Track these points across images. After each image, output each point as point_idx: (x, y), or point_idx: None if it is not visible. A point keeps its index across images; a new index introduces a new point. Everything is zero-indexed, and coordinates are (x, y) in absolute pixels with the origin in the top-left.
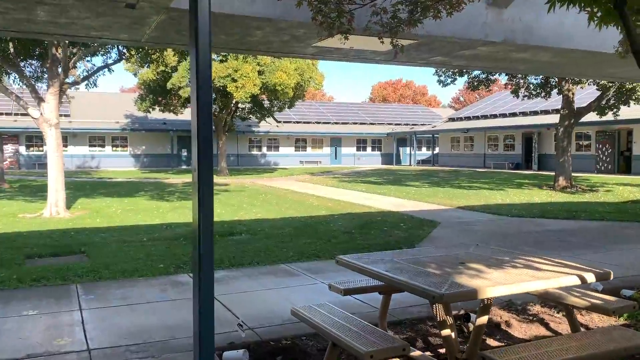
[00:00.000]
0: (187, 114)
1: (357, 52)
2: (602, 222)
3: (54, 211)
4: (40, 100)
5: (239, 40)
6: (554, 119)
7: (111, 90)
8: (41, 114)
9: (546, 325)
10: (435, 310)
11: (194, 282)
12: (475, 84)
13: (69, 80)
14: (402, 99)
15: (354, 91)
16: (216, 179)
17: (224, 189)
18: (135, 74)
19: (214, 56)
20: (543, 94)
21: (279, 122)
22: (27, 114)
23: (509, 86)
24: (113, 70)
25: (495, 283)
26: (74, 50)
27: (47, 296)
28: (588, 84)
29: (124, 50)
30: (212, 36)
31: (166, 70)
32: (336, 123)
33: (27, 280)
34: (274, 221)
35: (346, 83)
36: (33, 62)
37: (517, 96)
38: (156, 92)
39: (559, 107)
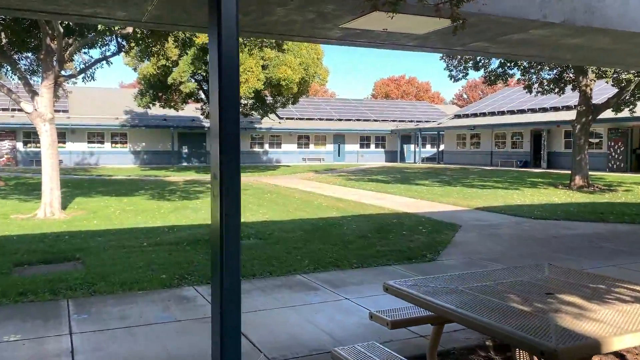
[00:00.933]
0: (188, 110)
1: (388, 36)
2: (633, 225)
3: (49, 212)
4: (34, 94)
5: (256, 21)
6: (564, 115)
7: (111, 86)
8: (35, 108)
9: None
10: (518, 355)
11: (213, 309)
12: (492, 78)
13: (65, 73)
14: (405, 96)
15: (356, 88)
16: None
17: None
18: (135, 69)
19: None
20: (557, 90)
21: (282, 118)
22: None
23: (521, 82)
24: (112, 63)
25: (618, 329)
26: (70, 41)
27: (33, 316)
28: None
29: (124, 43)
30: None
31: (167, 64)
32: (339, 120)
33: (13, 295)
34: (283, 223)
35: (348, 79)
36: (28, 54)
37: (530, 92)
38: (156, 87)
39: (570, 103)
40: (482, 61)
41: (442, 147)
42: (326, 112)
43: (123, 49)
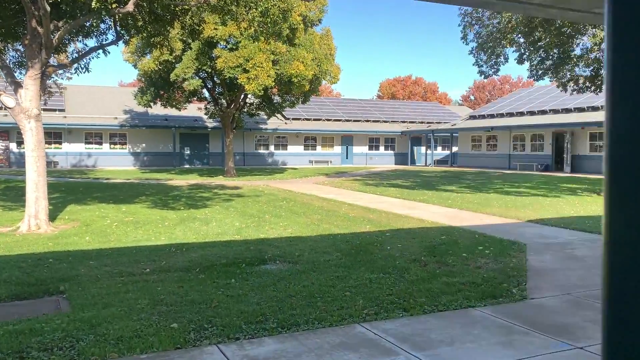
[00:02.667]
0: (190, 110)
1: None
2: None
3: (33, 225)
4: (17, 86)
5: None
6: (590, 117)
7: (109, 85)
8: (17, 102)
9: None
10: None
11: None
12: (540, 72)
13: (55, 62)
14: (412, 96)
15: (361, 88)
16: (225, 181)
17: (236, 193)
18: (135, 65)
19: (222, 44)
20: (593, 88)
21: (288, 119)
22: None
23: (554, 81)
24: (109, 52)
25: None
26: (59, 24)
27: None
28: None
29: (123, 32)
30: None
31: (170, 59)
32: (348, 120)
33: None
34: (312, 241)
35: (353, 80)
36: (14, 44)
37: (565, 90)
38: (158, 85)
39: (597, 103)
40: (526, 53)
41: (454, 149)
42: (333, 112)
43: (123, 38)
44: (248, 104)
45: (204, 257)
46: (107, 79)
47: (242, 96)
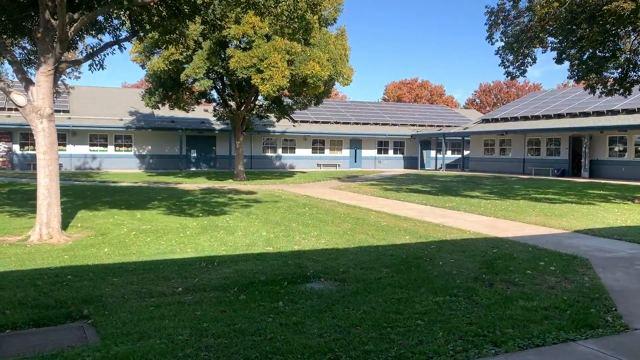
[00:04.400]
0: (197, 112)
1: None
2: None
3: (45, 234)
4: (28, 82)
5: None
6: (609, 120)
7: (112, 86)
8: (29, 100)
9: None
10: None
11: None
12: (581, 74)
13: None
14: (418, 99)
15: (366, 91)
16: (236, 185)
17: (253, 198)
18: (142, 66)
19: (233, 43)
20: (622, 91)
21: (296, 121)
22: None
23: (582, 82)
24: (125, 48)
25: None
26: (75, 16)
27: None
28: None
29: (137, 28)
30: None
31: (180, 59)
32: (356, 123)
33: None
34: (352, 254)
35: (357, 82)
36: (21, 40)
37: (594, 92)
38: (166, 86)
39: (617, 107)
40: (566, 52)
41: (464, 153)
42: (342, 115)
43: (138, 34)
44: (257, 106)
45: (239, 273)
46: (110, 80)
47: (253, 97)
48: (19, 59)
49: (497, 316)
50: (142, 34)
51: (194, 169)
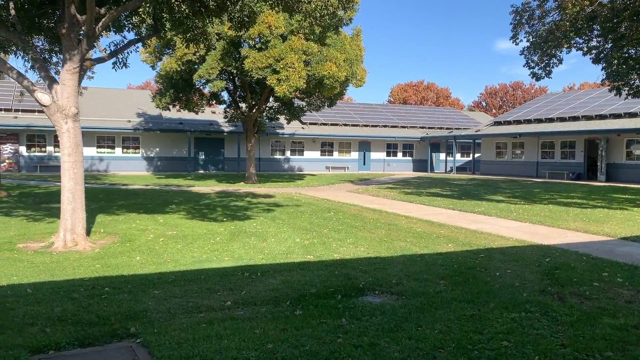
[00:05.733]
0: (206, 113)
1: None
2: None
3: (70, 240)
4: (51, 81)
5: None
6: (628, 123)
7: (117, 87)
8: (53, 100)
9: None
10: None
11: None
12: (620, 74)
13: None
14: (424, 102)
15: (371, 93)
16: (250, 188)
17: (272, 202)
18: (152, 67)
19: (247, 44)
20: None
21: (304, 123)
22: (30, 110)
23: (606, 83)
24: (148, 46)
25: None
26: (101, 11)
27: None
28: None
29: (159, 25)
30: None
31: (193, 60)
32: (365, 125)
33: None
34: (399, 263)
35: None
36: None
37: (620, 94)
38: (178, 87)
39: (635, 109)
40: (604, 52)
41: (475, 156)
42: (350, 117)
43: (161, 31)
44: (268, 108)
45: (287, 284)
46: (113, 82)
47: (266, 99)
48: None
49: (587, 336)
50: (164, 31)
51: (202, 172)
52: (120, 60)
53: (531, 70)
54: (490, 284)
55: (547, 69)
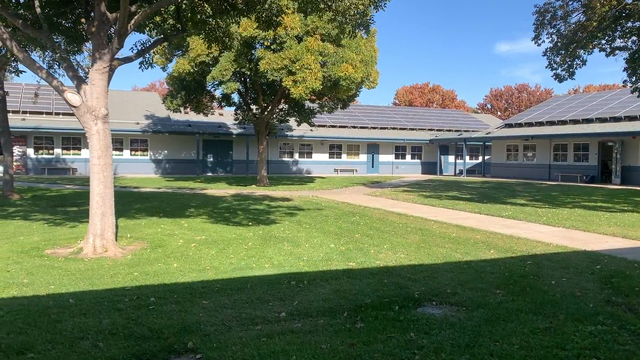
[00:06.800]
0: (215, 115)
1: None
2: None
3: (99, 246)
4: (80, 81)
5: None
6: None
7: (123, 89)
8: (83, 100)
9: None
10: None
11: None
12: None
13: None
14: (430, 104)
15: (376, 95)
16: (265, 191)
17: (292, 205)
18: (163, 68)
19: (260, 45)
20: None
21: (313, 125)
22: (38, 112)
23: (627, 84)
24: (173, 45)
25: None
26: (132, 8)
27: None
28: None
29: (185, 24)
30: None
31: (206, 61)
32: (374, 128)
33: None
34: (447, 271)
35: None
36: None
37: None
38: (189, 88)
39: None
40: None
41: (483, 158)
42: (359, 119)
43: (186, 30)
44: (278, 110)
45: (338, 294)
46: (118, 84)
47: (279, 101)
48: (52, 58)
49: None
50: (191, 31)
51: (210, 174)
52: (147, 60)
53: (554, 71)
54: (550, 293)
55: (570, 70)
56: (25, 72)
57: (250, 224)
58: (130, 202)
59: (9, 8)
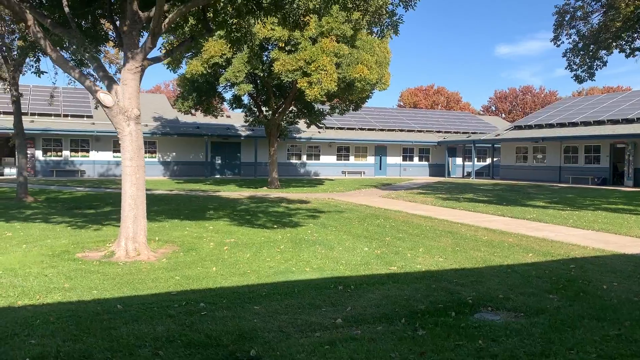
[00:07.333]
0: (223, 117)
1: None
2: None
3: (131, 249)
4: (110, 81)
5: None
6: None
7: None
8: (116, 101)
9: None
10: None
11: None
12: None
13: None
14: (435, 106)
15: (381, 97)
16: (279, 194)
17: (311, 208)
18: (174, 70)
19: (280, 45)
20: None
21: (321, 127)
22: (46, 114)
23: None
24: (202, 44)
25: None
26: (165, 7)
27: None
28: None
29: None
30: None
31: (219, 62)
32: (381, 130)
33: None
34: (492, 275)
35: None
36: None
37: None
38: (201, 90)
39: None
40: None
41: (491, 160)
42: (366, 121)
43: (211, 31)
44: (288, 111)
45: (388, 299)
46: None
47: (291, 102)
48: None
49: None
50: (215, 31)
51: (218, 176)
52: (175, 60)
53: (573, 72)
54: (605, 298)
55: (590, 71)
56: (46, 73)
57: (275, 226)
58: (147, 205)
59: (37, 8)
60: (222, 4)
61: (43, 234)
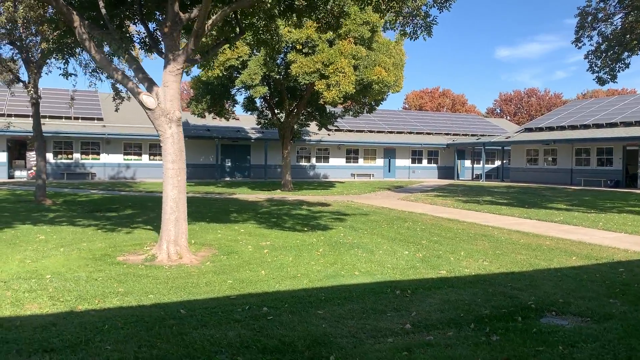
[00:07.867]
0: (233, 120)
1: None
2: None
3: (173, 252)
4: (150, 83)
5: None
6: None
7: None
8: (158, 103)
9: None
10: None
11: None
12: None
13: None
14: (440, 108)
15: (386, 100)
16: (294, 196)
17: (334, 210)
18: (187, 72)
19: (298, 47)
20: None
21: (330, 129)
22: (57, 116)
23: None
24: (235, 46)
25: None
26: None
27: None
28: None
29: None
30: None
31: (235, 65)
32: (390, 132)
33: None
34: (544, 279)
35: None
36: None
37: None
38: (215, 93)
39: None
40: None
41: (500, 163)
42: (375, 123)
43: (244, 32)
44: (300, 113)
45: (449, 304)
46: None
47: (305, 105)
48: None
49: None
50: (247, 33)
51: (228, 179)
52: (210, 60)
53: (596, 74)
54: None
55: (612, 73)
56: (75, 74)
57: (305, 229)
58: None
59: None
60: (255, 7)
61: (76, 237)
